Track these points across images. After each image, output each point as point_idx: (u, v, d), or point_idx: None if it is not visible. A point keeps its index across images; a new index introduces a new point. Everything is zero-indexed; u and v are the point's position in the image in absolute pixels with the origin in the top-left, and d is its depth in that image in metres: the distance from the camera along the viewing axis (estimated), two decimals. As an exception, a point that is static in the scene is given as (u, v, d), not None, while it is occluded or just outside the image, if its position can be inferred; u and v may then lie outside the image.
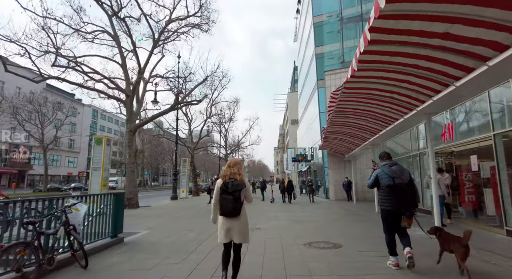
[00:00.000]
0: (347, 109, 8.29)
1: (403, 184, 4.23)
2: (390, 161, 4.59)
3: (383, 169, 4.47)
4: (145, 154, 51.91)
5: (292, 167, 44.95)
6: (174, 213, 12.10)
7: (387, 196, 4.33)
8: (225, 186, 3.44)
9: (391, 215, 4.34)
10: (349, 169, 18.68)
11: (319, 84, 23.03)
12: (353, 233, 6.90)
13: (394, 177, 4.27)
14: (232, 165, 3.62)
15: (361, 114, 8.51)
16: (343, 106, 8.09)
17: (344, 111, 8.64)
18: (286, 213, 11.85)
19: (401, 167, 4.49)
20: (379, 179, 4.44)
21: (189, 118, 28.32)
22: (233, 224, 3.44)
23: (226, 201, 3.39)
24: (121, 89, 15.84)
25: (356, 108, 8.08)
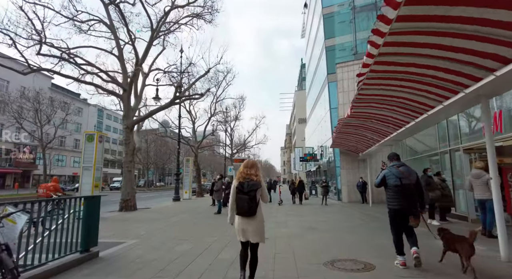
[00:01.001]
0: (371, 96, 6.97)
1: (410, 185, 4.32)
2: (398, 162, 4.67)
3: (391, 170, 4.56)
4: (150, 154, 51.10)
5: (299, 167, 43.53)
6: (172, 217, 10.91)
7: (394, 196, 4.43)
8: (241, 186, 3.48)
9: (398, 215, 4.44)
10: (364, 168, 17.29)
11: (330, 79, 21.66)
12: (383, 247, 5.56)
13: (402, 178, 4.36)
14: (249, 166, 3.63)
15: (388, 102, 7.18)
16: (365, 94, 6.80)
17: (367, 100, 7.32)
18: (297, 217, 10.55)
19: (409, 168, 4.55)
20: (387, 179, 4.52)
21: (193, 116, 27.22)
22: (249, 224, 3.47)
23: (242, 200, 3.43)
24: (117, 83, 14.75)
25: (383, 95, 6.76)
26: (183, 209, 14.43)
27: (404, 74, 5.39)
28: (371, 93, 6.74)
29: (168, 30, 16.63)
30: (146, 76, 16.86)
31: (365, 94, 6.77)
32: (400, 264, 4.36)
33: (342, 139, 13.84)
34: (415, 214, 4.29)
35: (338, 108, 18.22)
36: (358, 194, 16.92)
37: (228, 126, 37.78)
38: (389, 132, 9.67)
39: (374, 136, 11.02)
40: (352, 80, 17.90)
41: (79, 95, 58.42)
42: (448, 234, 4.35)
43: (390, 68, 5.18)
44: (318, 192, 24.87)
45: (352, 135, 12.25)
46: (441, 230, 4.47)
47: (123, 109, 14.91)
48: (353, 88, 17.73)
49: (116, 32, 14.72)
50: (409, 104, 6.86)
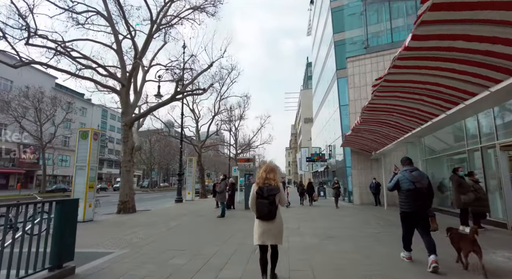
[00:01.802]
0: (398, 82, 5.98)
1: (423, 189, 4.48)
2: (411, 167, 4.84)
3: (404, 174, 4.71)
4: (154, 154, 50.46)
5: (306, 167, 42.44)
6: (172, 220, 10.01)
7: (406, 199, 4.59)
8: (260, 191, 3.60)
9: (409, 217, 4.61)
10: (377, 168, 16.25)
11: (339, 74, 20.64)
12: (420, 262, 4.58)
13: (415, 182, 4.52)
14: (268, 171, 3.77)
15: (417, 91, 6.19)
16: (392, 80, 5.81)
17: (391, 88, 6.33)
18: (309, 223, 9.57)
19: (421, 172, 4.74)
20: (400, 183, 4.68)
21: (197, 115, 26.38)
22: (268, 227, 3.58)
23: (261, 205, 3.56)
24: (115, 77, 13.93)
25: (412, 81, 5.77)
26: (185, 211, 13.54)
27: (445, 51, 4.40)
28: (399, 79, 5.75)
29: (169, 24, 15.79)
30: (147, 72, 16.02)
31: (391, 80, 5.78)
32: (406, 258, 4.70)
33: (357, 137, 12.83)
34: (431, 216, 4.50)
35: (349, 105, 17.20)
36: (370, 196, 15.87)
37: (233, 125, 36.95)
38: (412, 128, 8.66)
39: (392, 132, 10.01)
40: (364, 75, 16.88)
41: (83, 95, 58.14)
42: (454, 232, 4.47)
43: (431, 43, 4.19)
44: (327, 193, 23.82)
45: (368, 132, 11.24)
46: (449, 229, 4.62)
47: (122, 105, 14.07)
48: (365, 83, 16.73)
49: (114, 24, 13.92)
50: (443, 93, 5.86)
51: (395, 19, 18.15)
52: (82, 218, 10.02)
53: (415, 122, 8.08)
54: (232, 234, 7.32)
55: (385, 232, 7.55)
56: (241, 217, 11.13)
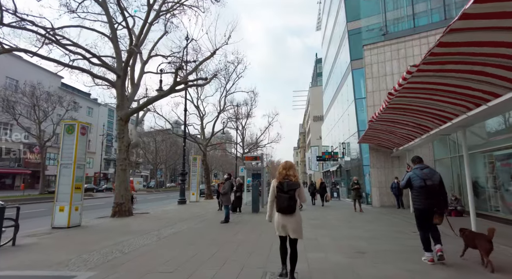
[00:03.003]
0: (446, 59, 4.47)
1: (434, 186, 4.61)
2: (422, 165, 4.96)
3: (415, 172, 4.86)
4: (160, 153, 49.55)
5: (316, 167, 40.79)
6: (167, 227, 8.67)
7: (419, 196, 4.72)
8: (281, 186, 3.77)
9: (423, 213, 4.71)
10: (399, 167, 14.66)
11: (354, 65, 19.05)
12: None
13: (426, 179, 4.66)
14: (288, 168, 3.90)
15: (472, 62, 4.67)
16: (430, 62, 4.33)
17: (440, 62, 4.82)
18: (329, 230, 8.10)
19: (432, 170, 4.88)
20: (412, 181, 4.83)
21: (201, 112, 25.09)
22: (288, 221, 3.72)
23: (282, 199, 3.72)
24: (109, 67, 12.69)
25: (464, 61, 4.26)
26: (185, 215, 12.21)
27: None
28: (452, 52, 4.25)
29: (169, 11, 14.48)
30: (145, 63, 14.77)
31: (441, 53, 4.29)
32: (428, 260, 4.63)
33: (377, 131, 11.29)
34: (439, 213, 4.58)
35: (367, 97, 15.61)
36: (391, 197, 14.29)
37: (240, 124, 35.61)
38: (454, 114, 7.11)
39: (425, 123, 8.46)
40: (383, 63, 15.28)
41: (89, 95, 57.63)
42: (468, 232, 4.69)
43: None
44: (341, 194, 22.24)
45: (392, 123, 9.70)
46: (462, 229, 4.82)
47: (117, 98, 12.82)
48: (384, 72, 15.15)
49: (108, 8, 12.67)
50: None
51: (416, 3, 16.47)
52: (67, 224, 8.78)
53: (462, 106, 6.54)
54: (235, 247, 5.92)
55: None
56: (247, 222, 9.72)
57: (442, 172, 13.45)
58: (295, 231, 3.73)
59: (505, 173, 9.24)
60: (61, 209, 8.87)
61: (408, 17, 16.53)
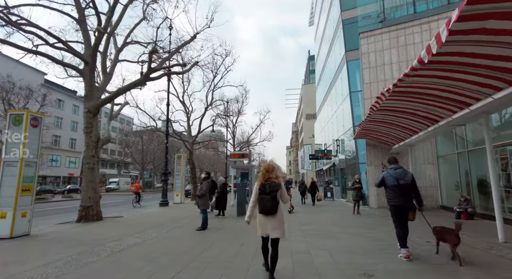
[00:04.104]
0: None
1: (406, 185, 4.89)
2: (396, 165, 5.20)
3: (389, 172, 5.12)
4: (147, 153, 47.78)
5: (309, 165, 39.64)
6: (133, 236, 7.25)
7: (393, 194, 4.99)
8: (263, 187, 3.82)
9: (398, 209, 4.96)
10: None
11: (349, 57, 17.85)
12: None
13: (399, 179, 4.93)
14: (270, 170, 3.94)
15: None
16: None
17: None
18: (324, 239, 6.77)
19: (405, 170, 5.13)
20: (385, 180, 5.09)
21: (188, 107, 23.61)
22: (270, 221, 3.76)
23: (264, 200, 3.76)
24: (75, 52, 11.16)
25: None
26: (161, 219, 10.78)
27: None
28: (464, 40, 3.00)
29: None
30: (120, 50, 13.29)
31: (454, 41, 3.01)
32: (404, 257, 4.81)
33: (377, 123, 10.05)
34: (413, 210, 4.90)
35: (363, 89, 14.38)
36: (391, 198, 13.05)
37: (230, 121, 34.22)
38: (473, 99, 5.87)
39: (433, 111, 7.23)
40: (381, 52, 14.07)
41: (75, 93, 55.43)
42: (439, 227, 5.00)
43: None
44: (335, 194, 21.02)
45: (394, 112, 8.46)
46: (435, 227, 5.09)
47: (85, 87, 11.32)
48: (382, 62, 13.94)
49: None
50: None
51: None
52: (9, 233, 7.29)
53: (487, 85, 5.30)
54: (202, 270, 4.55)
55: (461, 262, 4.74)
56: (229, 229, 8.34)
57: (447, 169, 12.36)
58: (277, 232, 3.78)
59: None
60: (2, 216, 7.36)
61: (408, 4, 15.37)
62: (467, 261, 4.55)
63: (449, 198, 11.91)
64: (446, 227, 4.89)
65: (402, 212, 4.90)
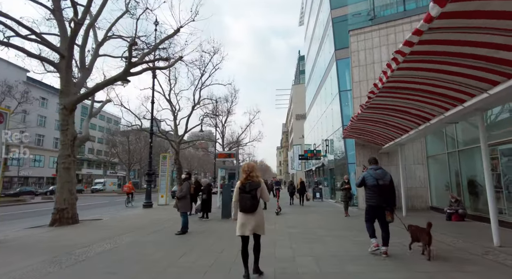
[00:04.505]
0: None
1: (385, 185, 5.08)
2: (376, 166, 5.36)
3: (369, 172, 5.26)
4: (134, 153, 46.77)
5: (298, 166, 39.41)
6: (105, 241, 6.69)
7: (372, 194, 5.14)
8: (243, 186, 3.97)
9: (374, 209, 5.15)
10: (388, 164, 13.22)
11: (338, 55, 17.58)
12: None
13: (378, 179, 5.08)
14: (250, 169, 4.06)
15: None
16: None
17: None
18: (310, 244, 6.37)
19: (384, 171, 5.28)
20: (366, 180, 5.22)
21: (174, 106, 22.99)
22: (250, 219, 3.90)
23: (244, 199, 3.92)
24: (49, 45, 10.50)
25: None
26: (142, 222, 10.21)
27: None
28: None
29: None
30: (100, 44, 12.63)
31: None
32: (374, 245, 5.12)
33: (367, 122, 9.73)
34: (390, 210, 5.05)
35: (353, 88, 14.11)
36: (380, 199, 12.79)
37: (220, 121, 33.70)
38: (461, 100, 5.57)
39: (425, 108, 6.93)
40: (371, 50, 13.81)
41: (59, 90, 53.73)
42: (414, 227, 5.20)
43: None
44: (324, 195, 20.75)
45: (384, 110, 8.14)
46: (410, 225, 5.33)
47: (60, 82, 10.67)
48: (372, 60, 13.70)
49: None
50: None
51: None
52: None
53: (484, 80, 4.99)
54: (178, 277, 4.07)
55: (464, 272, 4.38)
56: (211, 233, 7.85)
57: (437, 169, 12.16)
58: (257, 228, 3.90)
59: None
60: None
61: (398, 3, 15.18)
62: (464, 268, 4.21)
63: (439, 199, 11.71)
64: (419, 227, 5.11)
65: (377, 211, 5.12)
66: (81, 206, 19.38)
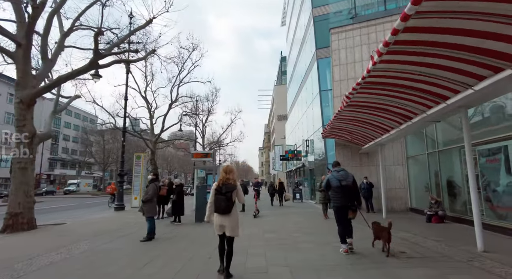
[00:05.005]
0: None
1: (348, 186, 5.33)
2: (339, 168, 5.66)
3: (333, 174, 5.55)
4: (109, 153, 44.94)
5: (279, 166, 39.15)
6: (59, 250, 5.92)
7: (337, 195, 5.40)
8: (220, 188, 4.09)
9: (341, 209, 5.40)
10: (368, 165, 13.07)
11: (319, 54, 17.33)
12: None
13: (341, 180, 5.34)
14: (228, 172, 4.20)
15: None
16: None
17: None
18: (287, 252, 5.87)
19: (346, 172, 5.53)
20: (330, 182, 5.49)
21: (150, 103, 22.01)
22: (225, 220, 4.03)
23: (219, 200, 4.02)
24: (3, 32, 9.49)
25: None
26: (108, 227, 9.40)
27: None
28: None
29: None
30: (66, 35, 11.66)
31: None
32: (343, 251, 5.30)
33: (347, 121, 9.40)
34: (353, 209, 5.34)
35: (333, 87, 13.84)
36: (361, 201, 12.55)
37: (200, 120, 32.82)
38: (444, 97, 5.28)
39: (408, 107, 6.63)
40: (352, 49, 13.60)
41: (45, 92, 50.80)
42: (376, 225, 5.44)
43: None
44: (304, 195, 20.46)
45: (364, 108, 7.80)
46: (373, 223, 5.52)
47: (16, 73, 9.69)
48: (353, 59, 13.49)
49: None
50: None
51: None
52: None
53: (470, 74, 4.69)
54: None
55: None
56: (180, 239, 7.20)
57: (417, 170, 12.02)
58: (231, 230, 4.03)
59: (492, 171, 7.72)
60: None
61: (379, 3, 15.08)
62: (452, 277, 3.86)
63: (418, 200, 11.59)
64: (380, 225, 5.34)
65: (344, 211, 5.34)
66: (47, 209, 18.12)
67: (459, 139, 8.81)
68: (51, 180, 56.40)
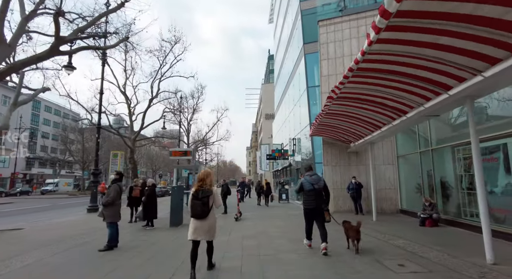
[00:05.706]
0: None
1: (320, 189, 5.63)
2: (312, 172, 5.89)
3: (306, 178, 5.76)
4: (89, 151, 43.08)
5: (266, 166, 38.40)
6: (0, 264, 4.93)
7: (309, 198, 5.64)
8: (196, 193, 4.13)
9: (313, 211, 5.65)
10: (357, 164, 12.44)
11: (307, 49, 16.65)
12: None
13: (314, 184, 5.61)
14: (205, 177, 4.24)
15: None
16: None
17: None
18: (269, 265, 5.08)
19: (318, 176, 5.85)
20: (303, 185, 5.71)
21: (130, 99, 20.84)
22: (201, 225, 4.07)
23: (195, 205, 4.07)
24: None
25: None
26: (71, 232, 8.38)
27: None
28: None
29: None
30: (27, 18, 10.46)
31: None
32: (307, 245, 5.86)
33: (336, 117, 8.68)
34: (326, 210, 5.61)
35: (321, 83, 13.15)
36: (348, 201, 11.94)
37: (184, 118, 31.72)
38: (446, 86, 4.60)
39: (406, 99, 5.94)
40: (341, 43, 12.94)
41: (6, 82, 48.38)
42: (347, 224, 5.68)
43: None
44: (290, 196, 19.74)
45: (357, 106, 7.09)
46: (344, 222, 5.81)
47: (-35, 59, 8.51)
48: (342, 53, 12.83)
49: None
50: None
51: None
52: None
53: (480, 57, 4.00)
54: None
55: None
56: (146, 248, 6.28)
57: (408, 170, 11.39)
58: (208, 234, 4.11)
59: (489, 171, 7.13)
60: None
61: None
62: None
63: (409, 202, 11.01)
64: (350, 225, 5.55)
65: (315, 213, 5.60)
66: (14, 212, 16.78)
67: (455, 137, 8.24)
68: (28, 180, 53.89)
